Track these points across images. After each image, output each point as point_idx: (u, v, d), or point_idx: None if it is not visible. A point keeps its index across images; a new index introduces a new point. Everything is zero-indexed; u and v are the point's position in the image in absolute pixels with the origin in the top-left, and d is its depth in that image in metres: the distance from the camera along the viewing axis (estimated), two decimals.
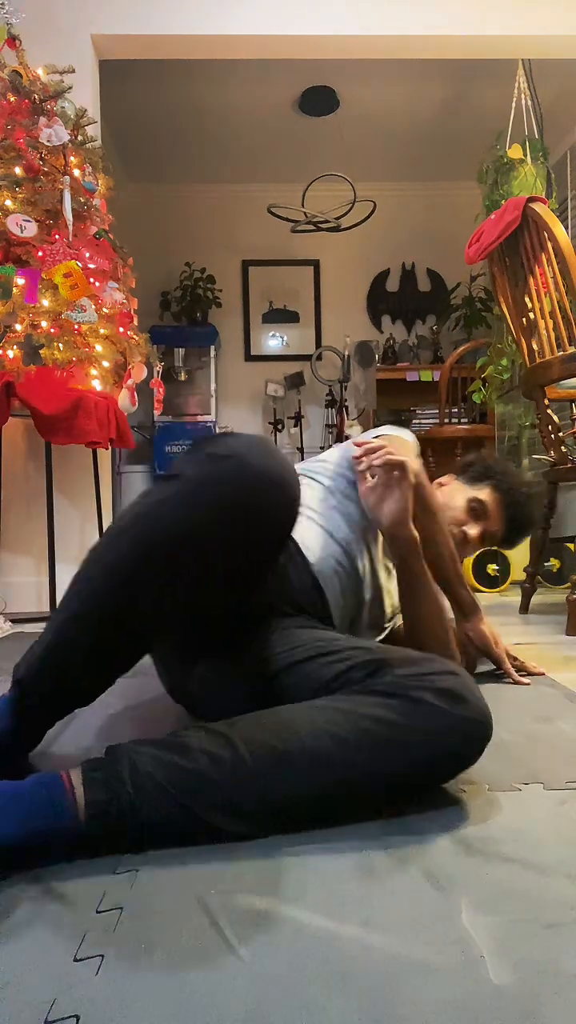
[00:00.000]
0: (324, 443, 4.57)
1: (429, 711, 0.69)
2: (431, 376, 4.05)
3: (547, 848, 0.63)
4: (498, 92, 3.40)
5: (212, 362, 4.23)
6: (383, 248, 4.62)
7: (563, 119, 3.63)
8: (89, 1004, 0.44)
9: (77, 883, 0.58)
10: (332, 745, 0.67)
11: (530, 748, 0.88)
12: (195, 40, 2.60)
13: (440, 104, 3.72)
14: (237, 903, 0.55)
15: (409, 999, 0.44)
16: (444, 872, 0.59)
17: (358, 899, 0.55)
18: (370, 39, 2.64)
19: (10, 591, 2.33)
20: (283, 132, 3.94)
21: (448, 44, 2.68)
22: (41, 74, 2.09)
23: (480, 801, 0.73)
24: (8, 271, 1.82)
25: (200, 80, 3.43)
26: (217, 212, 4.56)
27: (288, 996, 0.44)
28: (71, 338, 1.93)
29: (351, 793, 0.68)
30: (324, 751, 0.67)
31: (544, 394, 1.95)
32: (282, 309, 4.64)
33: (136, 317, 2.28)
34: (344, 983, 0.46)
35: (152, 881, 0.58)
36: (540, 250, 1.80)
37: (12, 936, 0.51)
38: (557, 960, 0.47)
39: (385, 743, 0.68)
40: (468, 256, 2.07)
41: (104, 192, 2.24)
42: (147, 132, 3.90)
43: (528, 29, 2.63)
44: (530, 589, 2.08)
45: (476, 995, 0.44)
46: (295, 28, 2.59)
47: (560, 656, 1.46)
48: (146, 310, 4.17)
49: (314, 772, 0.66)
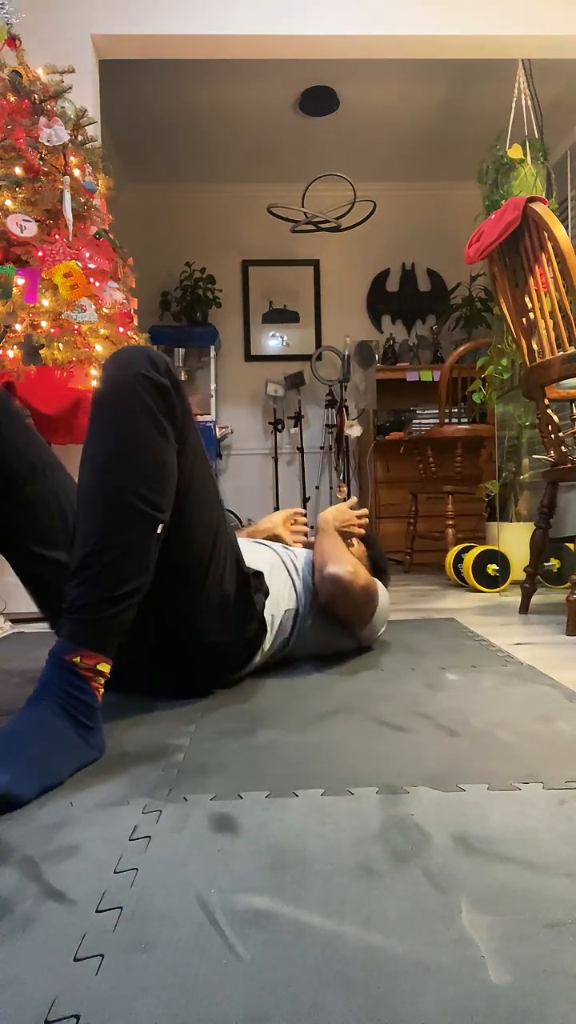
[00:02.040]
0: (324, 443, 4.57)
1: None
2: (431, 376, 4.05)
3: (547, 848, 0.63)
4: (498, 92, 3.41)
5: (212, 362, 4.24)
6: (383, 248, 4.62)
7: (563, 119, 3.63)
8: (89, 1004, 0.44)
9: (77, 883, 0.58)
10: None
11: (530, 748, 0.88)
12: (195, 40, 2.60)
13: (440, 104, 3.72)
14: (237, 903, 0.55)
15: (409, 999, 0.44)
16: (444, 872, 0.59)
17: (358, 899, 0.55)
18: (370, 39, 2.64)
19: (10, 591, 2.33)
20: (283, 132, 3.94)
21: (448, 44, 2.68)
22: (41, 74, 2.09)
23: (480, 801, 0.73)
24: (8, 271, 1.82)
25: (200, 80, 3.43)
26: (217, 212, 4.56)
27: (288, 996, 0.44)
28: (71, 338, 1.93)
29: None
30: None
31: (544, 394, 1.95)
32: (282, 309, 4.64)
33: (136, 317, 2.27)
34: (344, 983, 0.46)
35: (152, 881, 0.58)
36: (540, 250, 1.80)
37: (12, 936, 0.51)
38: (557, 960, 0.47)
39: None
40: (468, 256, 2.07)
41: (104, 192, 2.24)
42: (147, 132, 3.90)
43: (528, 29, 2.63)
44: (530, 589, 2.08)
45: (476, 995, 0.44)
46: (295, 28, 2.59)
47: (560, 656, 1.46)
48: (146, 310, 4.18)
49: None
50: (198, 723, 1.01)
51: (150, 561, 0.92)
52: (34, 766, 0.76)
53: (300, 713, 1.04)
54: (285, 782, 0.78)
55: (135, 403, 0.92)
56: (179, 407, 0.97)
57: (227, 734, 0.96)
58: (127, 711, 1.07)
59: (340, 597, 1.30)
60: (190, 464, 1.01)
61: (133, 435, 0.91)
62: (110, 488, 0.90)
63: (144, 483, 0.91)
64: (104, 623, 0.87)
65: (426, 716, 1.02)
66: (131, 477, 0.90)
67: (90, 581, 0.87)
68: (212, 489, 1.09)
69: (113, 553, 0.88)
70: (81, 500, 0.91)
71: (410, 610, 2.18)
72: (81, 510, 0.91)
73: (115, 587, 0.87)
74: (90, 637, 0.86)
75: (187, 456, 1.00)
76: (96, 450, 0.92)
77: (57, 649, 0.85)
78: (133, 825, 0.68)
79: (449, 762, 0.84)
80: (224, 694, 1.17)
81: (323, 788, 0.76)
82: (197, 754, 0.88)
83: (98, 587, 0.87)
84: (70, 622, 0.86)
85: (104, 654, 0.87)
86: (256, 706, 1.09)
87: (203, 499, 1.06)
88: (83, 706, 0.84)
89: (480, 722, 0.98)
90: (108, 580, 0.87)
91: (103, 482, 0.90)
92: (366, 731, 0.96)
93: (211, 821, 0.69)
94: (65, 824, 0.69)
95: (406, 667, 1.33)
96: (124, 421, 0.92)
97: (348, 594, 1.29)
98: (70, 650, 0.85)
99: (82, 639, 0.85)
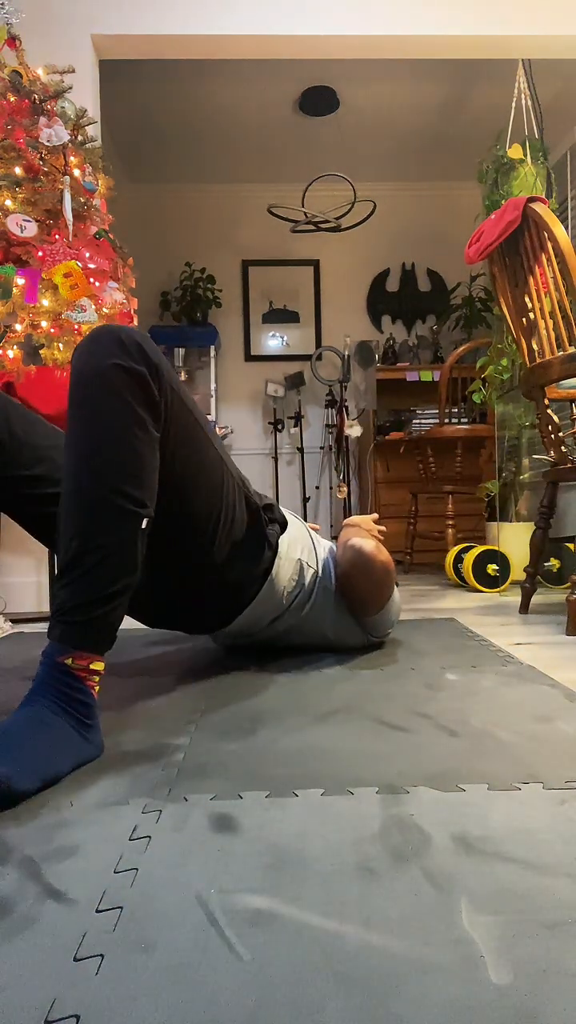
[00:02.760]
0: (324, 443, 4.57)
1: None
2: (431, 376, 4.05)
3: (547, 848, 0.63)
4: (498, 92, 3.41)
5: (212, 362, 4.24)
6: (383, 248, 4.62)
7: (563, 119, 3.63)
8: (89, 1004, 0.44)
9: (77, 883, 0.58)
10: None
11: (530, 748, 0.88)
12: (195, 40, 2.60)
13: (440, 104, 3.72)
14: (237, 903, 0.55)
15: (409, 999, 0.44)
16: (444, 872, 0.59)
17: (358, 899, 0.55)
18: (370, 39, 2.64)
19: (10, 591, 2.33)
20: (283, 132, 3.94)
21: (448, 44, 2.68)
22: (41, 74, 2.09)
23: (480, 801, 0.73)
24: (8, 271, 1.82)
25: (200, 80, 3.43)
26: (217, 212, 4.57)
27: (288, 996, 0.44)
28: (71, 338, 1.93)
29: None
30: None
31: (544, 394, 1.95)
32: (282, 309, 4.64)
33: (136, 317, 2.28)
34: (344, 983, 0.46)
35: (152, 881, 0.58)
36: (540, 250, 1.80)
37: (12, 936, 0.51)
38: (557, 960, 0.47)
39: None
40: (468, 256, 2.07)
41: (104, 192, 2.24)
42: (147, 132, 3.90)
43: (528, 29, 2.63)
44: (530, 589, 2.08)
45: (476, 995, 0.44)
46: (295, 28, 2.59)
47: (560, 656, 1.46)
48: (146, 310, 4.19)
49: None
50: (198, 723, 1.01)
51: (137, 557, 0.91)
52: (34, 760, 0.76)
53: (300, 713, 1.04)
54: (285, 782, 0.78)
55: (110, 400, 0.88)
56: (160, 389, 0.93)
57: (227, 734, 0.96)
58: (127, 711, 1.07)
59: (361, 569, 1.32)
60: (179, 433, 0.99)
61: (110, 433, 0.88)
62: (90, 487, 0.87)
63: (126, 480, 0.88)
64: (94, 624, 0.86)
65: (426, 716, 1.02)
66: (111, 476, 0.88)
67: (77, 582, 0.86)
68: (211, 448, 1.09)
69: (98, 554, 0.86)
70: (65, 492, 0.90)
71: (410, 610, 2.18)
72: (65, 503, 0.89)
73: (103, 587, 0.86)
74: (81, 639, 0.86)
75: (177, 429, 0.98)
76: (75, 447, 0.89)
77: (49, 651, 0.85)
78: (133, 825, 0.68)
79: (449, 762, 0.84)
80: (224, 694, 1.17)
81: (323, 788, 0.76)
82: (197, 754, 0.88)
83: (86, 588, 0.86)
84: (60, 624, 0.85)
85: (97, 653, 0.87)
86: (256, 706, 1.09)
87: (202, 463, 1.06)
88: (80, 704, 0.84)
89: (480, 722, 0.98)
90: (96, 581, 0.86)
91: (83, 480, 0.88)
92: (366, 731, 0.96)
93: (211, 821, 0.69)
94: (65, 824, 0.69)
95: (406, 667, 1.33)
96: (99, 420, 0.89)
97: (369, 565, 1.31)
98: (62, 652, 0.84)
99: (73, 641, 0.85)
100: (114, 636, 0.90)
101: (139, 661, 1.41)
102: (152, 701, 1.13)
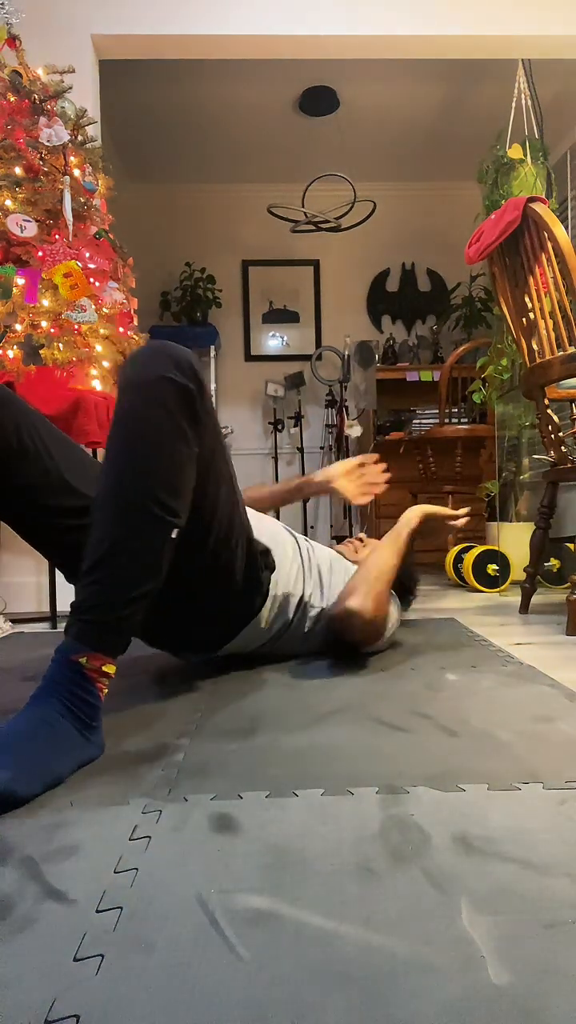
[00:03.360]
0: (324, 443, 4.57)
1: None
2: (431, 376, 4.05)
3: (547, 848, 0.63)
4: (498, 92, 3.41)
5: (212, 362, 4.24)
6: (383, 248, 4.62)
7: (563, 119, 3.63)
8: (89, 1004, 0.44)
9: (77, 883, 0.58)
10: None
11: (530, 748, 0.88)
12: (195, 40, 2.60)
13: (440, 104, 3.72)
14: (237, 903, 0.55)
15: (409, 999, 0.44)
16: (444, 872, 0.59)
17: (358, 899, 0.55)
18: (370, 39, 2.64)
19: (10, 591, 2.33)
20: (283, 132, 3.94)
21: (448, 44, 2.68)
22: (41, 74, 2.09)
23: (480, 801, 0.73)
24: (8, 271, 1.82)
25: (200, 80, 3.43)
26: (217, 212, 4.57)
27: (288, 996, 0.44)
28: (71, 338, 1.93)
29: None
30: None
31: (544, 394, 1.95)
32: (282, 309, 4.64)
33: (136, 317, 2.28)
34: (344, 983, 0.45)
35: (152, 881, 0.58)
36: (540, 250, 1.80)
37: (12, 936, 0.51)
38: (557, 960, 0.47)
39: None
40: (468, 256, 2.07)
41: (104, 192, 2.24)
42: (147, 132, 3.90)
43: (528, 29, 2.63)
44: (530, 589, 2.08)
45: (476, 995, 0.44)
46: (295, 28, 2.59)
47: (560, 656, 1.46)
48: (146, 310, 4.18)
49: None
50: (198, 723, 1.01)
51: (163, 566, 0.92)
52: (36, 765, 0.76)
53: (300, 713, 1.04)
54: (285, 782, 0.78)
55: (158, 412, 0.91)
56: (202, 409, 0.95)
57: (227, 734, 0.96)
58: (127, 711, 1.07)
59: (348, 632, 1.31)
60: (208, 458, 1.01)
61: (155, 444, 0.91)
62: (129, 495, 0.89)
63: (163, 489, 0.90)
64: (113, 625, 0.87)
65: (426, 716, 1.02)
66: (151, 484, 0.90)
67: (101, 582, 0.87)
68: (229, 481, 1.11)
69: (126, 556, 0.87)
70: (99, 502, 0.91)
71: (410, 610, 2.18)
72: (98, 512, 0.90)
73: (126, 590, 0.87)
74: (98, 639, 0.86)
75: (206, 451, 0.99)
76: (117, 457, 0.91)
77: (63, 648, 0.85)
78: (133, 825, 0.68)
79: (449, 762, 0.84)
80: (224, 694, 1.17)
81: (323, 788, 0.76)
82: (197, 754, 0.88)
83: (109, 589, 0.87)
84: (79, 623, 0.86)
85: (111, 656, 0.87)
86: (256, 706, 1.09)
87: (217, 496, 1.07)
88: (87, 706, 0.84)
89: (480, 722, 0.98)
90: (120, 583, 0.87)
91: (123, 489, 0.90)
92: (366, 731, 0.96)
93: (211, 821, 0.69)
94: (65, 824, 0.69)
95: (406, 667, 1.33)
96: (147, 430, 0.91)
97: (355, 631, 1.30)
98: (77, 651, 0.85)
99: (90, 641, 0.85)
100: (129, 641, 0.90)
101: (139, 661, 1.41)
102: (152, 701, 1.13)
